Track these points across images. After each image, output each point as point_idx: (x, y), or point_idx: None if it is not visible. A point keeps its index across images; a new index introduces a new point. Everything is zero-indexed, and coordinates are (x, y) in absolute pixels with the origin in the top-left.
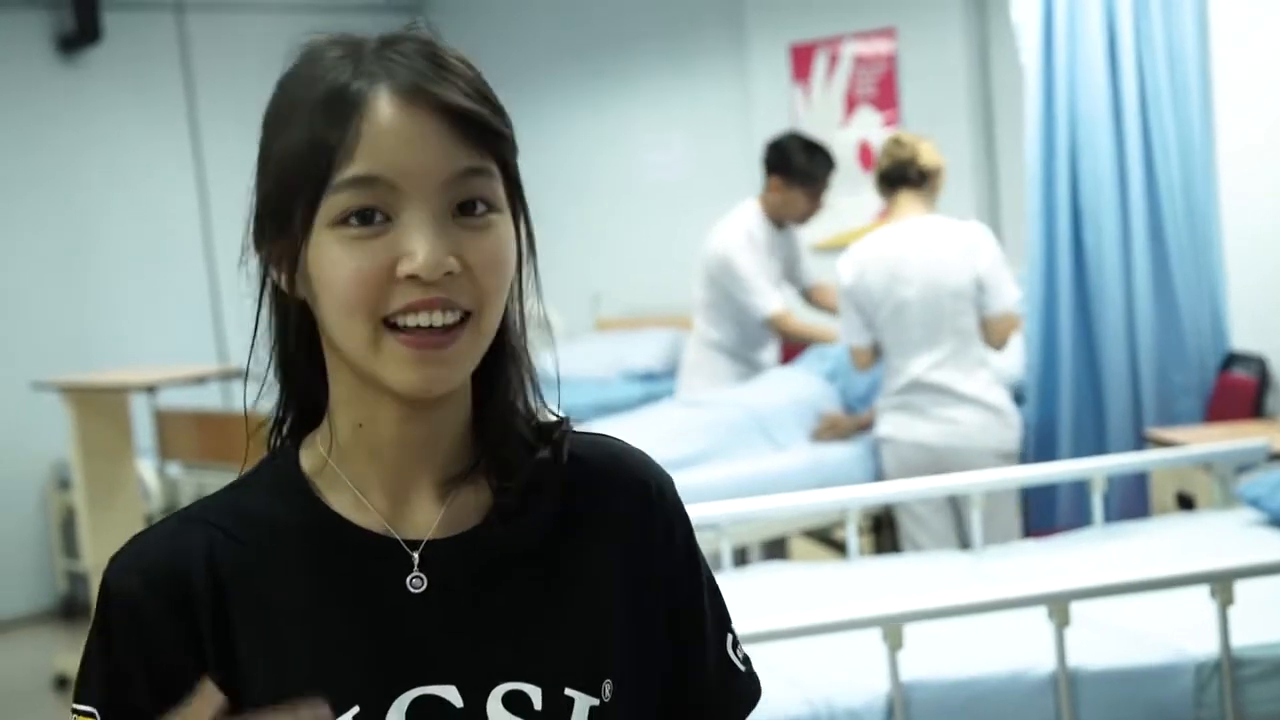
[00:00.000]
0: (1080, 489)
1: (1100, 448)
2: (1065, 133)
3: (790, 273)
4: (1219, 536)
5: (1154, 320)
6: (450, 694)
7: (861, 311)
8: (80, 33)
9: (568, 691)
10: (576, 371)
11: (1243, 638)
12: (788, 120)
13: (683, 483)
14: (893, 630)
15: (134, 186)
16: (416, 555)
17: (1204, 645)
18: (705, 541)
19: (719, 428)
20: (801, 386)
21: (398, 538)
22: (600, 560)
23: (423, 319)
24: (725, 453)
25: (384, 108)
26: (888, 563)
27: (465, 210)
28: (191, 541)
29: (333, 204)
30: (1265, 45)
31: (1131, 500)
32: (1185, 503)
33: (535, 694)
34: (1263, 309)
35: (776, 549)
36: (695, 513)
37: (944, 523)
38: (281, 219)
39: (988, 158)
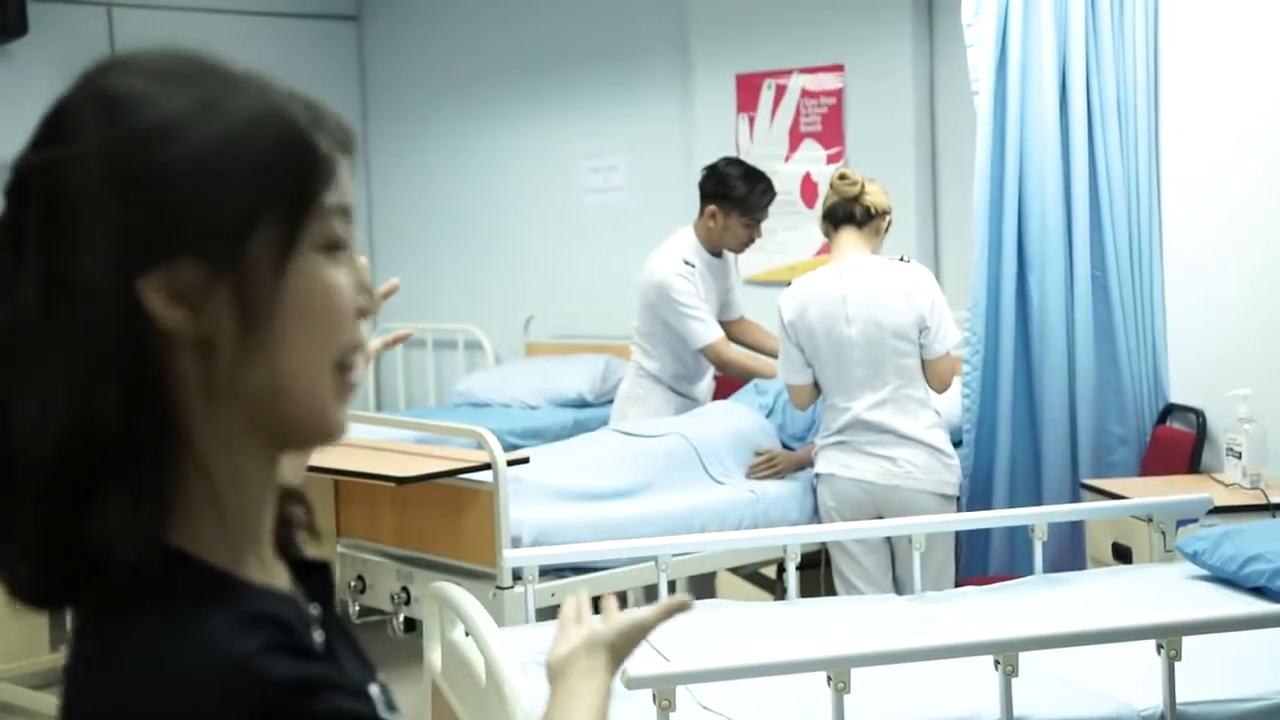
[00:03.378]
0: (1014, 535)
1: (1036, 495)
2: (1014, 179)
3: (723, 304)
4: (1160, 590)
5: (1095, 370)
6: None
7: (801, 349)
8: (5, 25)
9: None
10: (504, 396)
11: (1186, 694)
12: (732, 150)
13: (620, 513)
14: (840, 674)
15: None
16: (315, 609)
17: (1147, 699)
18: (642, 574)
19: (656, 459)
20: (740, 421)
21: (296, 597)
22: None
23: (359, 358)
24: (662, 484)
25: (336, 149)
26: (827, 605)
27: None
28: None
29: (325, 227)
30: (1214, 101)
31: (1066, 549)
32: (1121, 553)
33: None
34: (1203, 362)
35: (704, 583)
36: (636, 545)
37: (876, 562)
38: (231, 239)
39: (931, 198)
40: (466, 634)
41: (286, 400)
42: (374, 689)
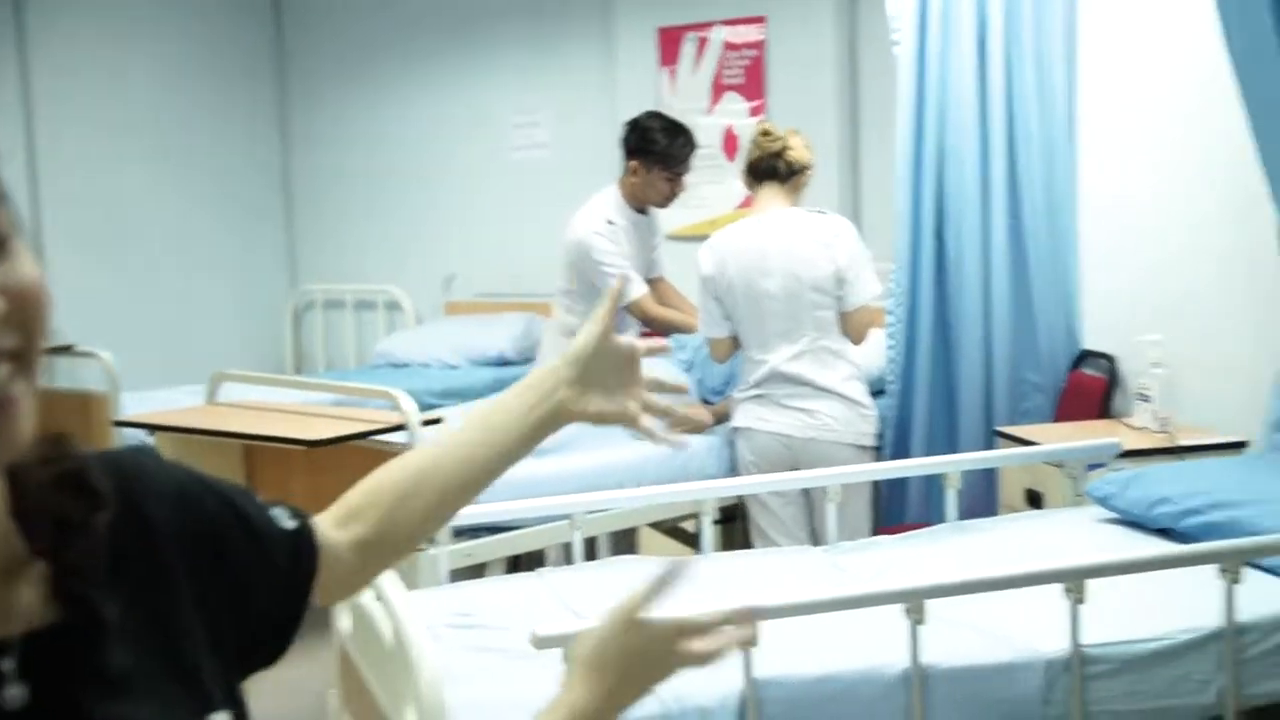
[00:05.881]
0: (931, 484)
1: (952, 444)
2: (934, 131)
3: (646, 260)
4: (1069, 534)
5: (1011, 319)
6: None
7: (720, 302)
8: None
9: (215, 717)
10: (423, 356)
11: (1091, 636)
12: (653, 104)
13: (536, 472)
14: None
15: None
16: (12, 661)
17: (1054, 643)
18: (558, 532)
19: None
20: (658, 375)
21: None
22: (169, 577)
23: None
24: (579, 442)
25: None
26: (741, 557)
27: None
28: None
29: None
30: (1131, 52)
31: (980, 497)
32: (1034, 499)
33: None
34: (1114, 309)
35: (626, 540)
36: (549, 504)
37: (794, 514)
38: None
39: (852, 150)
40: (377, 598)
41: None
42: None
